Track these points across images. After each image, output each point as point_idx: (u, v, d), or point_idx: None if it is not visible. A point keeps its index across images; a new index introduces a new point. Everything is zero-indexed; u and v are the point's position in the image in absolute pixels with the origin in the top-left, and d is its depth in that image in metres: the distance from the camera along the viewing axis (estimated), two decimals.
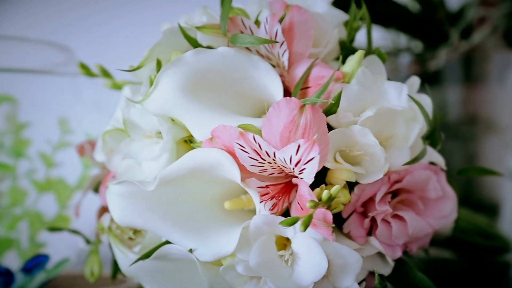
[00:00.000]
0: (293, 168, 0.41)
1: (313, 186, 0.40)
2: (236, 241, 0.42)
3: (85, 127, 0.66)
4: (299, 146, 0.40)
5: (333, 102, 0.43)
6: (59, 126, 0.65)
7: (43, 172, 0.65)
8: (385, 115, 0.44)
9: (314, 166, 0.40)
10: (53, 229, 0.55)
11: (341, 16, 0.50)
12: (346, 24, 0.51)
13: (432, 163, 0.48)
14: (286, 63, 0.46)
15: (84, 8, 1.06)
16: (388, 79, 0.48)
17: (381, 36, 0.80)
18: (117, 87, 0.54)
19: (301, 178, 0.41)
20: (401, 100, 0.45)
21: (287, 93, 0.46)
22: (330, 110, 0.43)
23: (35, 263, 0.62)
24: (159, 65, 0.47)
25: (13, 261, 0.63)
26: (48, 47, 0.65)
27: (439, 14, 0.76)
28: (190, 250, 0.44)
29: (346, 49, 0.49)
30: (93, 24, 1.06)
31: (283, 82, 0.46)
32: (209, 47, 0.47)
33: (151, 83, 0.46)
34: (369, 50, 0.49)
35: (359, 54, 0.45)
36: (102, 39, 1.04)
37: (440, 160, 0.49)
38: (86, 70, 0.53)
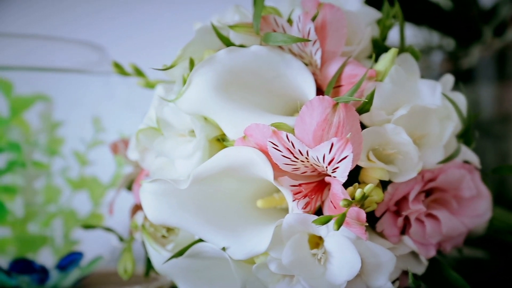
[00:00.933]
0: (326, 167, 0.41)
1: (346, 185, 0.40)
2: (269, 239, 0.42)
3: (118, 125, 0.66)
4: (332, 145, 0.39)
5: (366, 100, 0.43)
6: (92, 124, 0.66)
7: (77, 170, 0.66)
8: (418, 113, 0.44)
9: (348, 164, 0.39)
10: (87, 226, 0.56)
11: (373, 14, 0.50)
12: (378, 22, 0.50)
13: (466, 162, 0.48)
14: (318, 62, 0.46)
15: (116, 7, 1.07)
16: (421, 77, 0.48)
17: (413, 34, 0.80)
18: (150, 86, 0.54)
19: (334, 177, 0.41)
20: (435, 98, 0.45)
21: (319, 91, 0.46)
22: (363, 109, 0.43)
23: (70, 260, 0.63)
24: (192, 64, 0.47)
25: (47, 258, 0.64)
26: (82, 47, 0.66)
27: (472, 11, 0.75)
28: (223, 248, 0.44)
29: (379, 47, 0.49)
30: (125, 23, 1.07)
31: (316, 81, 0.46)
32: (241, 46, 0.47)
33: (184, 82, 0.46)
34: (402, 48, 0.49)
35: (392, 52, 0.44)
36: (134, 38, 1.04)
37: (474, 158, 0.48)
38: (119, 69, 0.53)
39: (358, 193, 0.39)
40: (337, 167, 0.40)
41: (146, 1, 1.06)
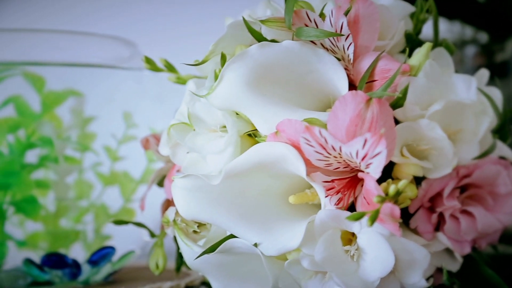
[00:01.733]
0: (360, 163, 0.40)
1: (379, 181, 0.40)
2: (301, 235, 0.42)
3: (149, 121, 0.66)
4: (365, 140, 0.39)
5: (400, 95, 0.42)
6: (123, 120, 0.66)
7: (108, 165, 0.66)
8: (453, 108, 0.43)
9: (381, 160, 0.39)
10: (119, 222, 0.56)
11: (407, 8, 0.49)
12: (412, 16, 0.50)
13: (502, 158, 0.47)
14: (351, 56, 0.45)
15: (148, 3, 1.08)
16: (455, 71, 0.47)
17: (445, 29, 0.79)
18: (181, 81, 0.54)
19: (368, 173, 0.40)
20: (470, 93, 0.44)
21: (352, 86, 0.46)
22: (396, 104, 0.43)
23: (102, 255, 0.63)
24: (223, 59, 0.47)
25: (78, 253, 0.64)
26: (114, 42, 0.66)
27: (507, 5, 0.74)
28: (255, 244, 0.44)
29: (412, 42, 0.48)
30: (156, 18, 1.07)
31: (348, 76, 0.46)
32: (273, 41, 0.46)
33: (216, 77, 0.46)
34: (436, 42, 0.48)
35: (426, 46, 0.44)
36: (165, 34, 1.04)
37: (510, 154, 0.48)
38: (151, 64, 0.53)
39: (392, 189, 0.39)
40: (370, 163, 0.40)
41: None
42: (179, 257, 0.55)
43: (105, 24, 1.04)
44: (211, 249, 0.46)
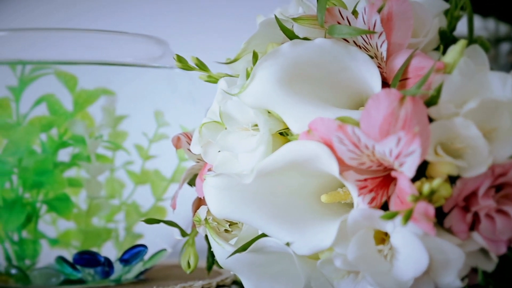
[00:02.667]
0: (393, 161, 0.40)
1: (412, 180, 0.39)
2: (334, 235, 0.42)
3: (180, 119, 0.67)
4: (399, 139, 0.39)
5: (434, 93, 0.42)
6: (155, 118, 0.66)
7: (140, 164, 0.67)
8: (488, 106, 0.43)
9: (415, 159, 0.39)
10: (150, 221, 0.56)
11: (441, 4, 0.48)
12: (446, 13, 0.49)
13: None
14: (384, 54, 0.45)
15: (180, 1, 1.08)
16: (490, 69, 0.46)
17: (480, 26, 0.78)
18: (213, 80, 0.54)
19: (401, 172, 0.40)
20: (506, 91, 0.43)
21: (385, 84, 0.46)
22: (430, 102, 0.42)
23: (134, 253, 0.63)
24: (255, 57, 0.47)
25: (109, 252, 0.64)
26: (145, 41, 0.66)
27: None
28: (287, 244, 0.43)
29: (447, 39, 0.48)
30: (187, 17, 1.07)
31: (381, 74, 0.45)
32: (305, 39, 0.46)
33: (248, 75, 0.46)
34: (471, 39, 0.48)
35: (461, 43, 0.43)
36: (196, 32, 1.05)
37: None
38: (183, 63, 0.53)
39: (426, 188, 0.38)
40: (404, 162, 0.39)
41: None
42: (211, 256, 0.55)
43: (137, 22, 1.05)
44: (243, 248, 0.46)
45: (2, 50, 0.64)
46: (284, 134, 0.47)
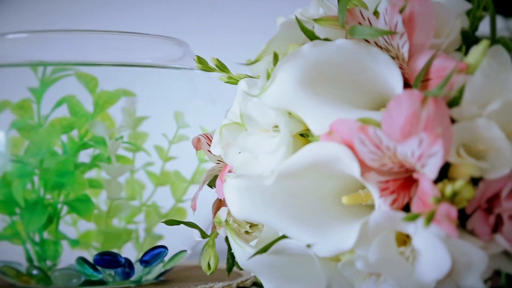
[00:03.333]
0: (415, 163, 0.40)
1: (434, 181, 0.39)
2: (355, 236, 0.41)
3: (200, 120, 0.67)
4: (421, 140, 0.38)
5: (456, 94, 0.41)
6: (175, 120, 0.66)
7: (160, 165, 0.67)
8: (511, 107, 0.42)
9: (437, 160, 0.38)
10: (170, 222, 0.56)
11: (463, 5, 0.48)
12: (468, 13, 0.49)
13: None
14: (406, 55, 0.44)
15: (198, 3, 1.08)
16: None
17: (502, 26, 0.78)
18: (233, 81, 0.54)
19: (423, 173, 0.40)
20: None
21: (406, 85, 0.45)
22: (453, 103, 0.42)
23: (154, 254, 0.63)
24: (276, 58, 0.47)
25: (129, 253, 0.65)
26: (166, 42, 0.67)
27: None
28: (308, 245, 0.43)
29: (469, 39, 0.47)
30: (207, 18, 1.07)
31: (403, 74, 0.45)
32: (326, 40, 0.46)
33: (268, 76, 0.46)
34: (493, 40, 0.47)
35: (484, 44, 0.43)
36: (216, 34, 1.05)
37: None
38: (203, 64, 0.53)
39: (448, 190, 0.38)
40: (426, 163, 0.39)
41: None
42: (231, 257, 0.55)
43: (157, 24, 1.05)
44: (264, 250, 0.46)
45: (23, 52, 0.65)
46: (305, 136, 0.47)
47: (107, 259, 0.62)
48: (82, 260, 0.62)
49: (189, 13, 1.08)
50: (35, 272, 0.63)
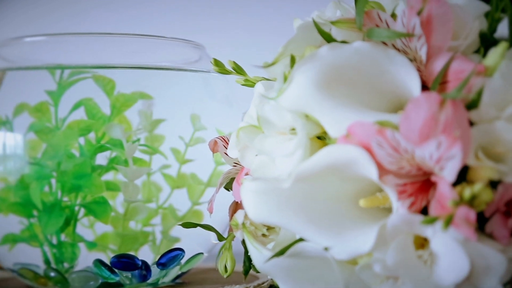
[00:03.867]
0: (433, 166, 0.39)
1: (453, 184, 0.39)
2: (373, 239, 0.41)
3: (216, 123, 0.67)
4: (439, 143, 0.38)
5: (475, 97, 0.41)
6: (191, 122, 0.66)
7: (176, 168, 0.67)
8: None
9: (456, 163, 0.38)
10: (187, 225, 0.56)
11: (481, 7, 0.48)
12: (486, 15, 0.49)
13: None
14: (424, 57, 0.44)
15: (215, 6, 1.08)
16: None
17: None
18: (250, 83, 0.54)
19: (442, 176, 0.39)
20: None
21: (424, 88, 0.45)
22: (471, 105, 0.42)
23: (171, 257, 0.63)
24: (293, 61, 0.47)
25: (146, 255, 0.65)
26: (183, 45, 0.67)
27: None
28: (326, 248, 0.43)
29: (487, 41, 0.47)
30: (224, 21, 1.07)
31: (420, 77, 0.45)
32: (343, 42, 0.46)
33: (285, 79, 0.46)
34: None
35: (502, 45, 0.42)
36: (233, 36, 1.05)
37: None
38: (219, 66, 0.53)
39: (467, 193, 0.38)
40: (444, 166, 0.39)
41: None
42: (247, 260, 0.55)
43: (174, 27, 1.05)
44: (281, 253, 0.45)
45: (41, 55, 0.65)
46: (322, 138, 0.46)
47: (124, 262, 0.62)
48: (99, 262, 0.62)
49: (206, 16, 1.09)
50: (52, 274, 0.63)
